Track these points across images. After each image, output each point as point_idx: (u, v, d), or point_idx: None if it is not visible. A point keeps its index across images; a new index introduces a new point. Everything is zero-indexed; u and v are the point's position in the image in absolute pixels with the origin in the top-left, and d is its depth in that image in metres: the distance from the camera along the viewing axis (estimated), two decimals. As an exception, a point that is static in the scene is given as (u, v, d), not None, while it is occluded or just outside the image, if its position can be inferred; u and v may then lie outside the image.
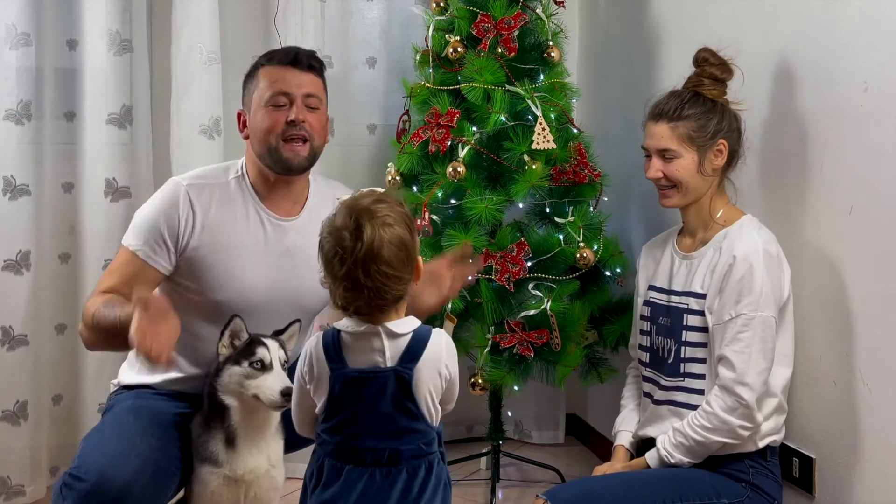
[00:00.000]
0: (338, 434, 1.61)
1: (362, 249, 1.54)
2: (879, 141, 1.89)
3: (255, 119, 2.09)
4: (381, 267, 1.54)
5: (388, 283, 1.56)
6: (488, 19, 2.68)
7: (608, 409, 3.16)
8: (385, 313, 1.61)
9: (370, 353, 1.60)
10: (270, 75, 2.09)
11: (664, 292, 2.18)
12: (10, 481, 2.69)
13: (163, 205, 2.06)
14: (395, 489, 1.59)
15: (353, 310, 1.60)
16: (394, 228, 1.56)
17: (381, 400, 1.59)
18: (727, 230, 2.08)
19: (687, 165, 2.09)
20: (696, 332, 2.08)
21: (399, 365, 1.60)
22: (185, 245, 2.04)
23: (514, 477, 3.04)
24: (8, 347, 2.68)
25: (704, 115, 2.08)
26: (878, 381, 1.92)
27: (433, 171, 2.67)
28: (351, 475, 1.60)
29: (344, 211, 1.58)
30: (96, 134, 2.81)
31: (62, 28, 2.81)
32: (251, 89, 2.12)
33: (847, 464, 2.01)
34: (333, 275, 1.57)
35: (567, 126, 2.73)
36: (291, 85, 2.07)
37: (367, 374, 1.60)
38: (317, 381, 1.63)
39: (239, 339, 1.97)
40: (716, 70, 2.10)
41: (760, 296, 1.97)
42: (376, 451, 1.60)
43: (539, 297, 2.58)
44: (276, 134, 2.06)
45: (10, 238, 2.67)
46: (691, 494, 1.97)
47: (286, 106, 2.07)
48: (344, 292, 1.57)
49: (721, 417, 1.97)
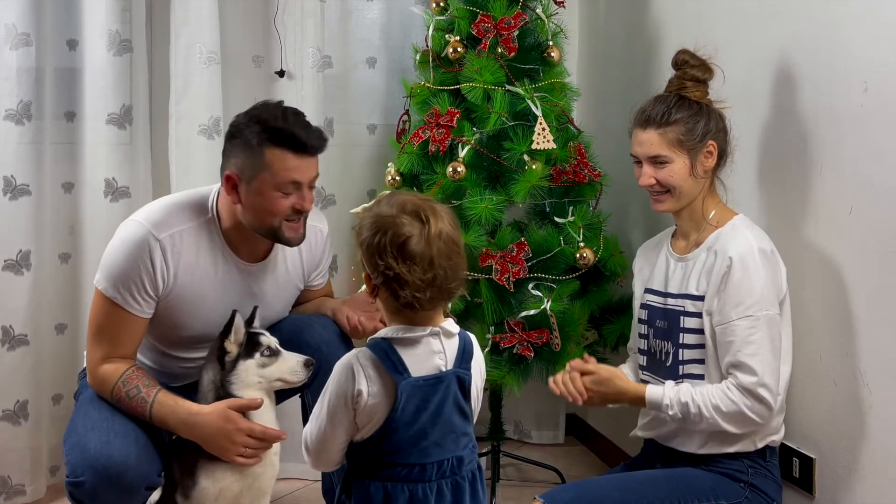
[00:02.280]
0: (405, 453, 1.52)
1: (430, 228, 1.49)
2: (879, 141, 1.89)
3: (259, 200, 2.03)
4: (450, 245, 1.50)
5: (459, 263, 1.52)
6: (488, 19, 2.68)
7: (608, 409, 3.16)
8: (439, 310, 1.56)
9: (430, 358, 1.55)
10: (282, 163, 1.99)
11: (660, 295, 2.18)
12: (10, 481, 2.69)
13: (135, 256, 2.03)
14: (464, 498, 1.55)
15: (417, 303, 1.50)
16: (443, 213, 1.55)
17: (445, 406, 1.55)
18: (720, 231, 2.08)
19: (679, 170, 2.09)
20: (693, 334, 2.07)
21: (458, 367, 1.56)
22: (161, 293, 2.07)
23: (513, 477, 3.04)
24: (8, 347, 2.67)
25: (692, 118, 2.07)
26: (878, 381, 1.92)
27: (433, 171, 2.67)
28: (417, 493, 1.52)
29: (388, 202, 1.54)
30: (96, 134, 2.81)
31: (62, 28, 2.81)
32: (252, 166, 2.00)
33: (847, 464, 2.01)
34: (394, 266, 1.48)
35: (567, 126, 2.73)
36: (303, 175, 2.03)
37: (432, 380, 1.54)
38: (374, 401, 1.51)
39: (238, 336, 1.99)
40: (696, 71, 2.10)
41: (762, 295, 1.97)
42: (441, 464, 1.54)
43: (539, 297, 2.58)
44: (279, 217, 2.05)
45: (10, 238, 2.67)
46: (689, 496, 1.97)
47: (291, 194, 2.04)
48: (416, 282, 1.48)
49: (744, 413, 1.95)
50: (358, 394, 1.50)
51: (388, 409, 1.51)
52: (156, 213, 2.10)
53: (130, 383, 2.02)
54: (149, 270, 2.03)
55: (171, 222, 2.07)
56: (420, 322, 1.55)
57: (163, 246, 2.04)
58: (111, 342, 2.06)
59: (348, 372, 1.52)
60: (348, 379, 1.51)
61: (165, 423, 2.00)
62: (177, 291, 2.07)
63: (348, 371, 1.52)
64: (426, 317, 1.55)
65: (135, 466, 1.92)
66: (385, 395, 1.51)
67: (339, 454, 1.57)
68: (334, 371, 1.55)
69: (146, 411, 2.00)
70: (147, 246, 2.03)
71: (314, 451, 1.58)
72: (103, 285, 2.05)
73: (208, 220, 2.11)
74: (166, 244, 2.04)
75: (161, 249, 2.04)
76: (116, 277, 2.03)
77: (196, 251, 2.09)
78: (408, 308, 1.52)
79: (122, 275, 2.03)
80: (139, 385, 2.02)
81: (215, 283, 2.12)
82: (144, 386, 2.02)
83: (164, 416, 1.99)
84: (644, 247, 2.35)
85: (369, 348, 1.54)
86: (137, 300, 2.04)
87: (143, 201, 2.85)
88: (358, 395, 1.50)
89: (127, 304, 2.03)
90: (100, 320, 2.07)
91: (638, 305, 2.27)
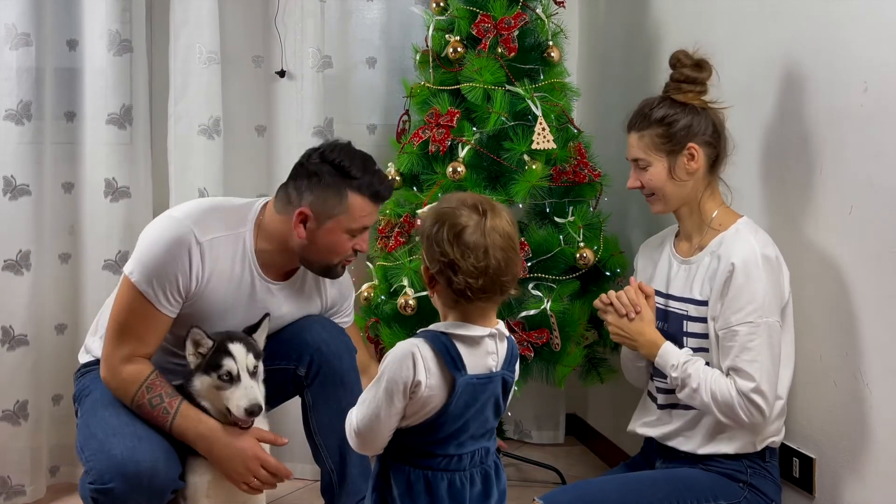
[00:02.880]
0: (447, 445, 1.58)
1: (486, 220, 1.55)
2: (879, 141, 1.89)
3: (329, 239, 2.08)
4: (506, 240, 1.55)
5: (513, 258, 1.56)
6: (488, 19, 2.68)
7: (608, 409, 3.17)
8: (492, 309, 1.60)
9: (485, 358, 1.60)
10: (362, 209, 2.08)
11: (661, 296, 2.17)
12: (10, 481, 2.69)
13: (175, 254, 2.02)
14: (492, 486, 1.63)
15: (470, 290, 1.53)
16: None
17: (488, 404, 1.62)
18: (723, 235, 2.07)
19: (658, 173, 2.10)
20: (696, 339, 2.07)
21: (505, 368, 1.63)
22: (189, 297, 2.06)
23: (513, 477, 3.03)
24: (8, 347, 2.67)
25: (671, 121, 2.07)
26: (878, 381, 1.92)
27: (433, 171, 2.67)
28: (455, 482, 1.59)
29: (450, 198, 1.61)
30: (96, 134, 2.80)
31: (62, 28, 2.80)
32: (333, 206, 2.06)
33: (847, 464, 2.01)
34: (450, 252, 1.53)
35: (567, 126, 2.73)
36: (372, 220, 2.13)
37: (484, 379, 1.59)
38: (431, 393, 1.54)
39: (203, 347, 1.98)
40: (689, 70, 2.09)
41: (764, 302, 1.96)
42: (474, 454, 1.61)
43: (539, 297, 2.58)
44: (342, 257, 2.11)
45: (10, 238, 2.67)
46: (688, 496, 1.97)
47: (358, 234, 2.10)
48: (469, 268, 1.52)
49: (736, 411, 1.95)
50: (417, 384, 1.53)
51: (442, 402, 1.55)
52: (198, 215, 2.10)
53: (154, 391, 2.00)
54: (185, 270, 2.02)
55: (214, 227, 2.08)
56: (474, 319, 1.59)
57: (202, 249, 2.04)
58: (136, 340, 2.03)
59: (409, 361, 1.54)
60: (409, 368, 1.53)
61: (185, 435, 1.99)
62: (203, 297, 2.07)
63: (409, 360, 1.54)
64: (480, 314, 1.59)
65: (164, 471, 1.93)
66: (442, 388, 1.55)
67: (386, 439, 1.59)
68: (392, 357, 1.56)
69: (167, 422, 1.98)
70: (188, 246, 2.02)
71: (363, 434, 1.59)
72: (137, 278, 2.02)
73: (244, 232, 2.12)
74: (206, 248, 2.04)
75: (200, 252, 2.03)
76: (152, 272, 2.01)
77: (230, 261, 2.09)
78: (461, 297, 1.55)
79: (159, 270, 2.01)
80: (162, 394, 2.00)
81: (238, 295, 2.12)
82: (168, 395, 2.00)
83: (185, 429, 1.98)
84: (646, 244, 2.34)
85: (429, 340, 1.56)
86: (168, 298, 2.02)
87: (143, 201, 2.86)
88: (416, 385, 1.53)
89: (157, 302, 2.02)
90: (126, 316, 2.04)
91: None
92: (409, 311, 2.54)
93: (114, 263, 2.81)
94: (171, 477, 1.96)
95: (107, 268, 2.80)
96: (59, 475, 2.86)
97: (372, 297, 2.72)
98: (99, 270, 2.80)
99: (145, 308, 2.02)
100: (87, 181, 2.82)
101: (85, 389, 2.17)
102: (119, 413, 2.02)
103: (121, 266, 2.80)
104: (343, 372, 2.17)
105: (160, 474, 1.92)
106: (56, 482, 2.85)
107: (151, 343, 2.05)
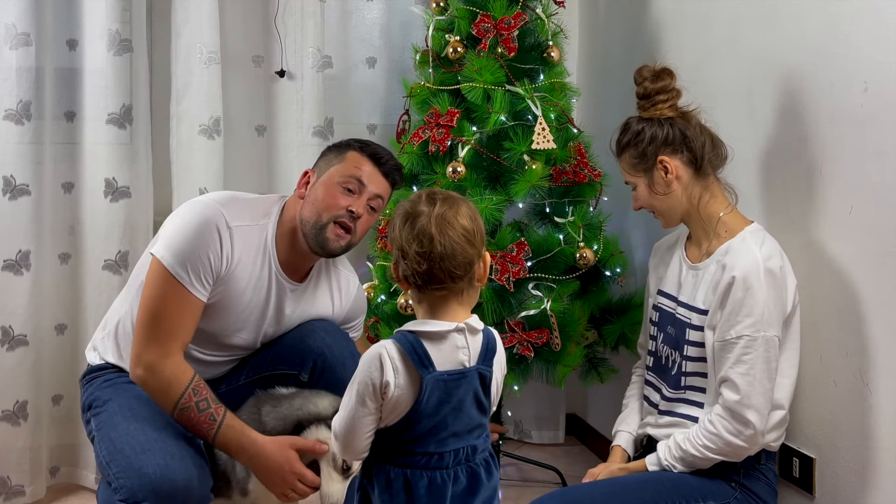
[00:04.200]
0: (425, 443, 1.58)
1: (436, 209, 1.58)
2: (879, 141, 1.89)
3: (321, 190, 2.10)
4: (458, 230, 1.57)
5: (464, 248, 1.56)
6: (488, 19, 2.68)
7: (608, 409, 3.17)
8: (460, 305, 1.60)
9: (455, 353, 1.60)
10: (356, 161, 2.11)
11: (673, 300, 2.15)
12: (10, 481, 2.69)
13: (206, 236, 2.00)
14: (481, 484, 1.62)
15: (415, 275, 1.57)
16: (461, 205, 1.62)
17: (466, 400, 1.61)
18: (729, 243, 2.03)
19: (642, 192, 2.13)
20: (695, 347, 2.06)
21: (480, 363, 1.62)
22: (216, 282, 2.04)
23: (513, 477, 3.04)
24: (8, 347, 2.67)
25: (637, 141, 2.09)
26: (878, 381, 1.91)
27: (433, 171, 2.67)
28: (436, 479, 1.58)
29: (415, 194, 1.65)
30: (96, 134, 2.80)
31: (62, 28, 2.80)
32: (332, 161, 2.13)
33: (847, 464, 2.01)
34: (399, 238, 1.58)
35: (567, 126, 2.73)
36: (368, 178, 2.10)
37: (456, 375, 1.59)
38: (400, 392, 1.56)
39: None
40: (650, 83, 2.10)
41: (762, 316, 1.93)
42: (458, 452, 1.60)
43: (539, 297, 2.58)
44: (332, 213, 2.07)
45: (10, 238, 2.67)
46: (676, 497, 1.96)
47: (353, 194, 2.08)
48: (413, 254, 1.56)
49: (725, 439, 1.94)
50: (386, 384, 1.55)
51: (413, 400, 1.56)
52: (228, 202, 2.09)
53: (200, 394, 1.94)
54: (217, 250, 2.00)
55: (243, 215, 2.08)
56: (439, 315, 1.60)
57: (232, 235, 2.03)
58: (171, 330, 1.96)
59: (377, 362, 1.56)
60: (377, 369, 1.56)
61: (227, 445, 1.95)
62: (225, 285, 2.04)
63: (377, 361, 1.56)
64: (444, 308, 1.60)
65: (198, 488, 1.90)
66: (410, 387, 1.56)
67: (366, 442, 1.61)
68: (363, 361, 1.59)
69: (213, 429, 1.93)
70: (218, 229, 2.01)
71: (342, 438, 1.62)
72: (169, 261, 1.96)
73: (267, 223, 2.12)
74: (235, 234, 2.04)
75: (230, 238, 2.02)
76: (185, 254, 1.96)
77: (253, 252, 2.08)
78: (413, 287, 1.59)
79: (191, 252, 1.97)
80: (208, 399, 1.95)
81: (257, 288, 2.10)
82: (213, 401, 1.95)
83: (229, 440, 1.94)
84: (659, 245, 2.33)
85: (397, 340, 1.58)
86: (202, 282, 1.98)
87: (144, 201, 2.86)
88: (386, 385, 1.55)
89: (191, 286, 1.97)
90: (159, 305, 1.96)
91: (650, 305, 2.25)
92: (409, 311, 2.54)
93: (114, 263, 2.81)
94: (205, 493, 1.93)
95: (107, 268, 2.81)
96: (59, 475, 2.86)
97: (372, 297, 2.72)
98: (99, 270, 2.80)
99: (179, 293, 1.96)
100: (87, 181, 2.82)
101: (97, 400, 2.09)
102: (144, 428, 1.96)
103: (121, 266, 2.80)
104: (346, 378, 2.15)
105: (195, 492, 1.88)
106: (56, 482, 2.85)
107: (186, 334, 1.99)
